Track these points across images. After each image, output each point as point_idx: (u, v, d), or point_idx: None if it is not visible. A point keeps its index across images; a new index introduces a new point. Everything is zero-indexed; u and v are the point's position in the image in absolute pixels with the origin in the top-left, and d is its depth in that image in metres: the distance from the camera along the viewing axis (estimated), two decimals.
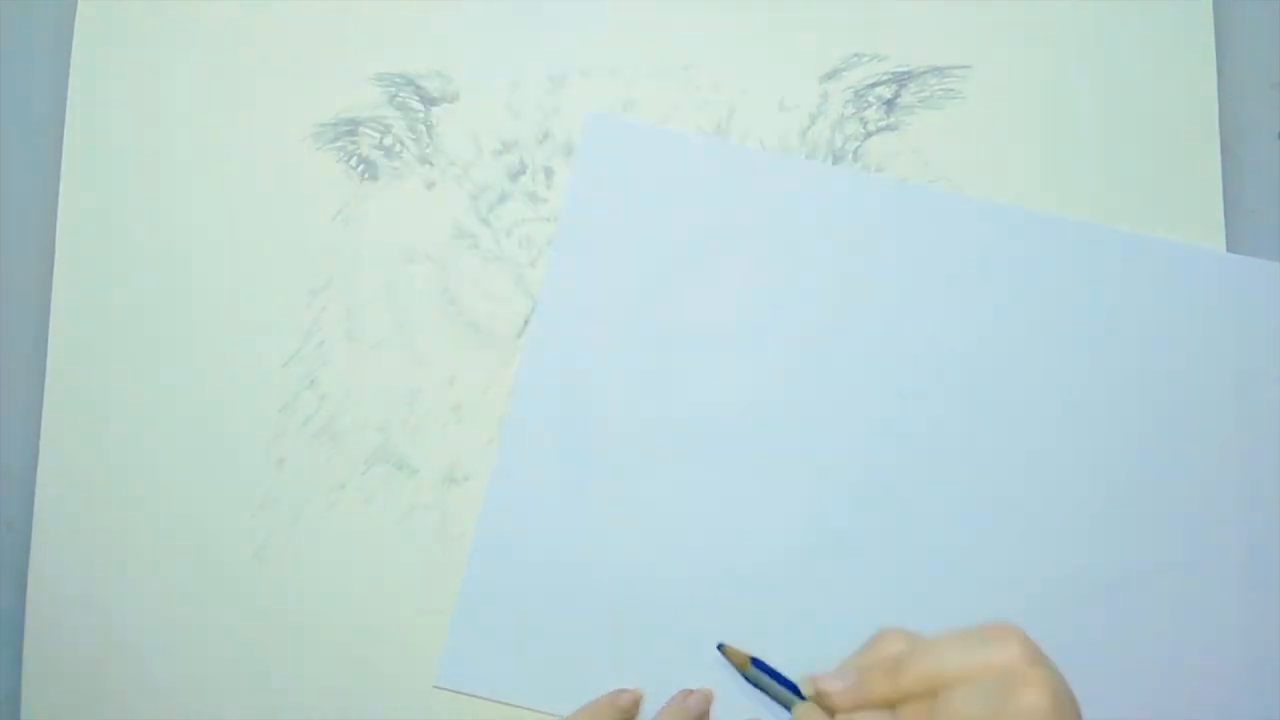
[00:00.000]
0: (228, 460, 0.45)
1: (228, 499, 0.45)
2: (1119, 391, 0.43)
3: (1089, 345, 0.44)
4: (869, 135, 0.45)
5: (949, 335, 0.44)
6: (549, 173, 0.45)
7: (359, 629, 0.44)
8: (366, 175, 0.45)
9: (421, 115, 0.45)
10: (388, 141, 0.45)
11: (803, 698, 0.36)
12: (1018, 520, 0.36)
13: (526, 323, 0.45)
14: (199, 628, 0.44)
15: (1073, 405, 0.43)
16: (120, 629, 0.45)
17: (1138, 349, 0.44)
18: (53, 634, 0.45)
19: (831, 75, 0.45)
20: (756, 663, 0.40)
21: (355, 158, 0.45)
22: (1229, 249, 0.44)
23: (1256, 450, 0.43)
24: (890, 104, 0.45)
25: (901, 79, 0.45)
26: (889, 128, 0.45)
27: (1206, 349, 0.44)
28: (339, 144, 0.45)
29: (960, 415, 0.43)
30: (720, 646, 0.42)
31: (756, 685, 0.40)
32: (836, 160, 0.45)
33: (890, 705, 0.34)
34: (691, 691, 0.43)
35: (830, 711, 0.36)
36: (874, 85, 0.45)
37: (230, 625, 0.44)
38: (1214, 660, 0.42)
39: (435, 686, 0.43)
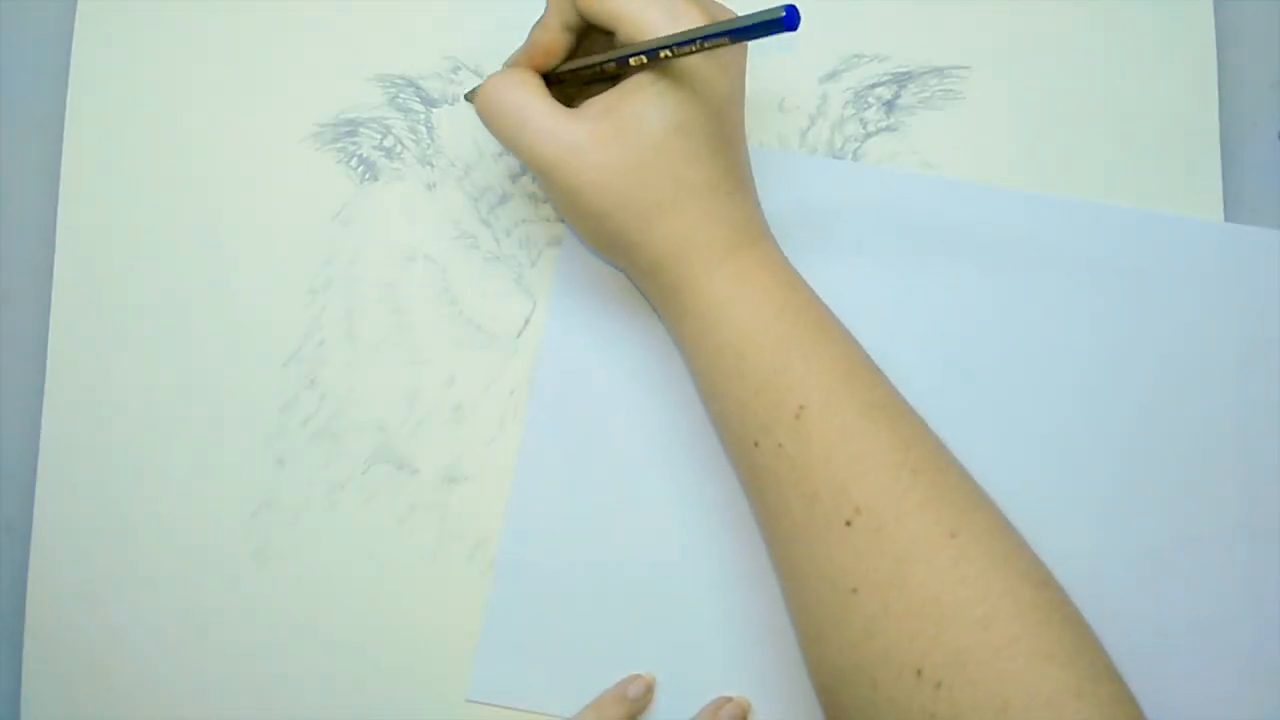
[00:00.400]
0: (228, 460, 0.45)
1: (228, 499, 0.45)
2: (1121, 368, 0.44)
3: (1090, 321, 0.44)
4: (869, 136, 0.45)
5: (950, 319, 0.44)
6: None
7: (359, 629, 0.44)
8: (367, 176, 0.45)
9: (422, 116, 0.45)
10: (388, 142, 0.45)
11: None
12: (1022, 499, 0.36)
13: (527, 323, 0.45)
14: (199, 628, 0.44)
15: (1076, 383, 0.44)
16: (120, 629, 0.45)
17: (1139, 323, 0.44)
18: (53, 634, 0.45)
19: (831, 76, 0.45)
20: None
21: (356, 158, 0.45)
22: None
23: (1259, 430, 0.43)
24: (890, 105, 0.45)
25: (901, 79, 0.45)
26: (889, 128, 0.45)
27: (1208, 320, 0.44)
28: (339, 144, 0.45)
29: (964, 395, 0.43)
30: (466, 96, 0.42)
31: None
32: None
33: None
34: (729, 699, 0.43)
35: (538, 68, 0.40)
36: (874, 86, 0.45)
37: (230, 625, 0.44)
38: (1219, 631, 0.42)
39: (468, 700, 0.43)
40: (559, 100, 0.38)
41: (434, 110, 0.45)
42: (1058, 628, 0.34)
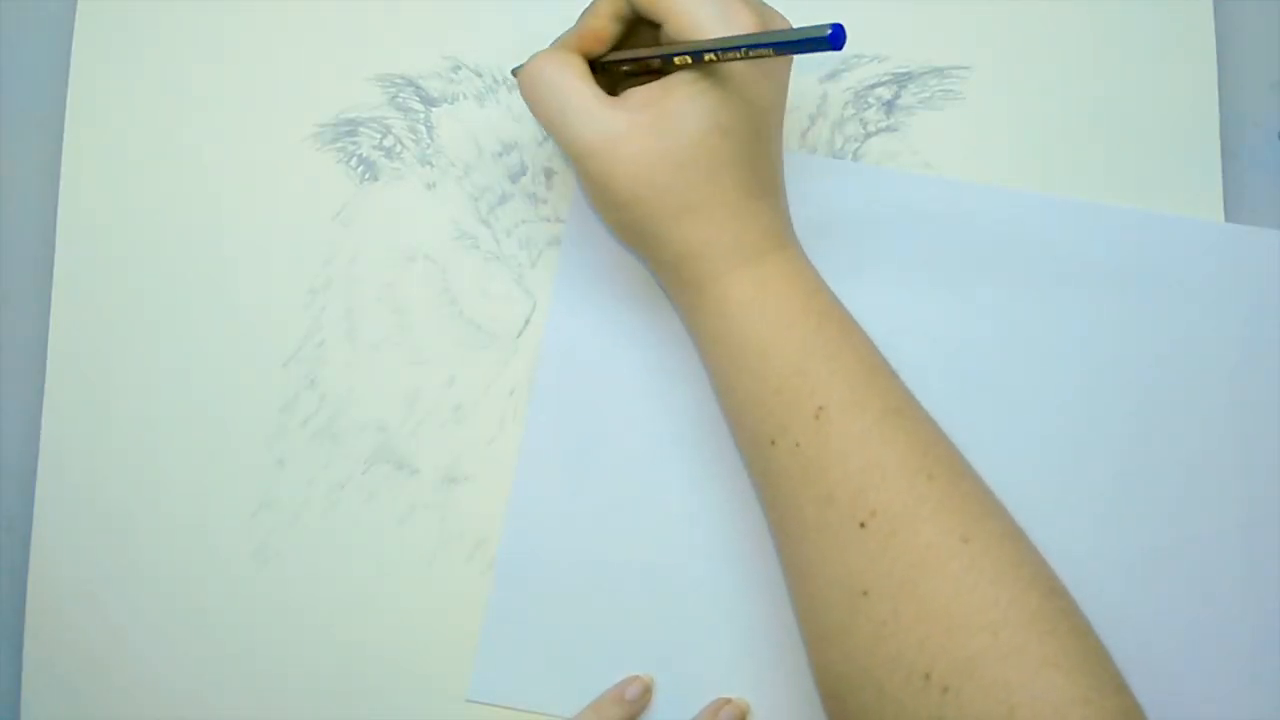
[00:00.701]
0: (228, 460, 0.45)
1: (228, 499, 0.45)
2: (1121, 369, 0.44)
3: (1090, 321, 0.44)
4: (869, 136, 0.45)
5: (950, 318, 0.44)
6: (549, 174, 0.45)
7: (359, 629, 0.44)
8: (367, 176, 0.45)
9: (422, 116, 0.45)
10: (388, 142, 0.45)
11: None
12: (1022, 499, 0.37)
13: (527, 323, 0.45)
14: (199, 628, 0.44)
15: (1076, 383, 0.44)
16: (120, 629, 0.45)
17: (1139, 324, 0.44)
18: (53, 634, 0.45)
19: (831, 76, 0.45)
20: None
21: (355, 158, 0.45)
22: None
23: (1260, 430, 0.43)
24: (890, 105, 0.45)
25: (901, 79, 0.45)
26: (889, 128, 0.45)
27: (1209, 320, 0.44)
28: (339, 144, 0.45)
29: (963, 394, 0.43)
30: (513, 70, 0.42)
31: None
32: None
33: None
34: (728, 701, 0.43)
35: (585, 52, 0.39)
36: (874, 86, 0.45)
37: (230, 625, 0.44)
38: (1220, 631, 0.43)
39: (468, 700, 0.43)
40: (601, 88, 0.38)
41: (434, 110, 0.45)
42: (1064, 636, 0.34)
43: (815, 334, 0.37)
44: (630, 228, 0.39)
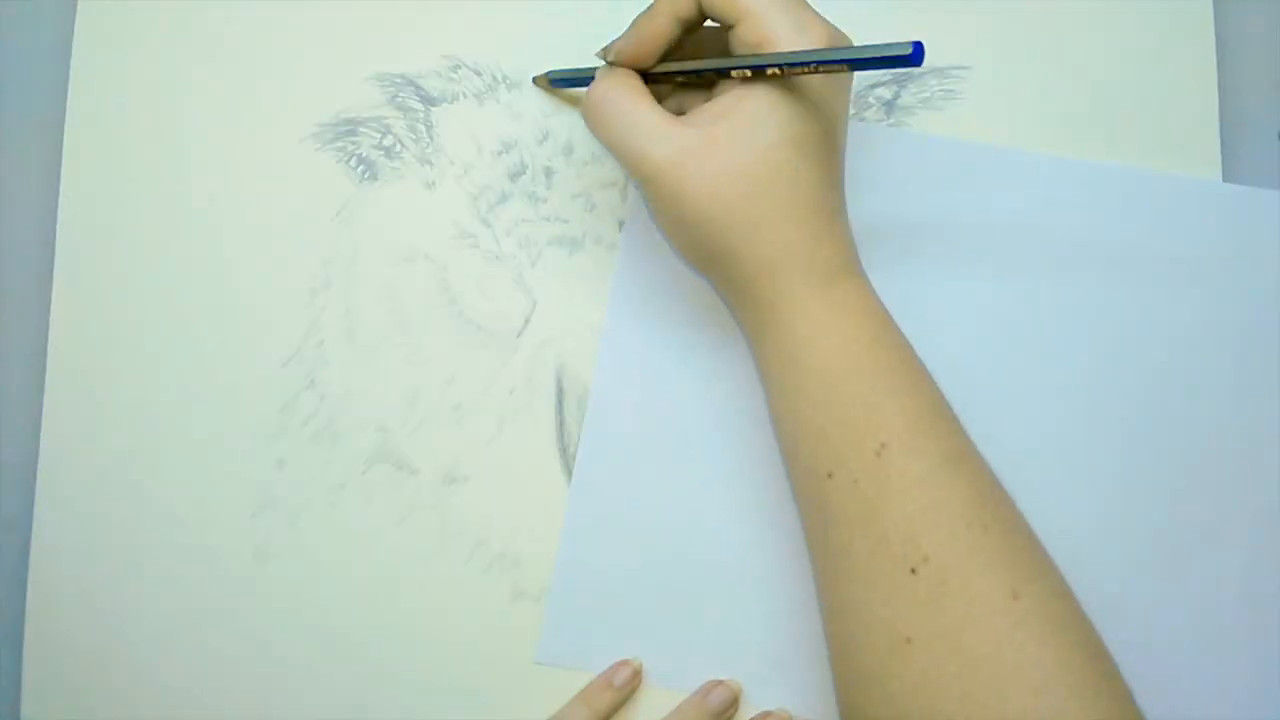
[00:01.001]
0: (228, 460, 0.45)
1: (228, 499, 0.45)
2: (1125, 350, 0.43)
3: (1092, 293, 0.44)
4: None
5: (958, 288, 0.44)
6: (549, 173, 0.45)
7: (358, 629, 0.44)
8: (366, 175, 0.45)
9: (421, 115, 0.45)
10: (388, 142, 0.45)
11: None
12: (1025, 474, 0.36)
13: (527, 322, 0.45)
14: (199, 628, 0.44)
15: (1081, 365, 0.44)
16: (120, 629, 0.45)
17: (1142, 295, 0.44)
18: (53, 634, 0.45)
19: None
20: (555, 81, 0.43)
21: (355, 158, 0.45)
22: None
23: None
24: (890, 105, 0.45)
25: (901, 80, 0.45)
26: (889, 128, 0.45)
27: (1213, 288, 0.43)
28: (339, 144, 0.45)
29: (963, 369, 0.43)
30: (534, 79, 0.44)
31: (568, 85, 0.42)
32: None
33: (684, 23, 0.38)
34: (719, 683, 0.42)
35: (635, 68, 0.39)
36: (874, 86, 0.45)
37: (230, 625, 0.44)
38: (1222, 625, 0.42)
39: (535, 663, 0.43)
40: None
41: (433, 109, 0.45)
42: (1106, 701, 0.33)
43: (885, 367, 0.37)
44: (702, 246, 0.38)
